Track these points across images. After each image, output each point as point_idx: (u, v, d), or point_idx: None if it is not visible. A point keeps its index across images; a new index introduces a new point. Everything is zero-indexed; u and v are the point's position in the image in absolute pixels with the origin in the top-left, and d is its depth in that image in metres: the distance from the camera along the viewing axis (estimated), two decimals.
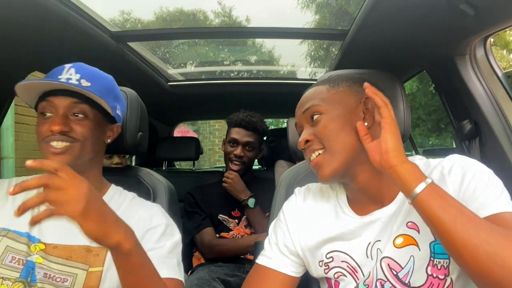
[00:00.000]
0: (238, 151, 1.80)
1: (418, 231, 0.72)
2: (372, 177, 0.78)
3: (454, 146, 1.38)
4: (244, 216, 1.78)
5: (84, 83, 0.86)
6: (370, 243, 0.78)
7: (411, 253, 0.72)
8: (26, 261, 0.83)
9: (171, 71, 2.35)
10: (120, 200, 0.95)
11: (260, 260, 0.88)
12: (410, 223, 0.73)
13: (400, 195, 0.77)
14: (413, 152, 2.48)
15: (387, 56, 1.36)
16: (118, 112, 0.96)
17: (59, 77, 0.86)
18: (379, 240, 0.77)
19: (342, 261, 0.80)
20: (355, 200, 0.83)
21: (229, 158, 1.83)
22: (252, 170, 2.06)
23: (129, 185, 1.05)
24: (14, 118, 3.72)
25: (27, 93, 0.88)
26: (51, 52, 1.30)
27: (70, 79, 0.86)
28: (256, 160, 2.81)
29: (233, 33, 1.97)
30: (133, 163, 2.82)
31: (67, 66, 0.88)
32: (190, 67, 2.78)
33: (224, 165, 1.95)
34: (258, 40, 2.99)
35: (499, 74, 1.15)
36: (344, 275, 0.80)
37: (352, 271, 0.79)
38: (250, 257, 1.67)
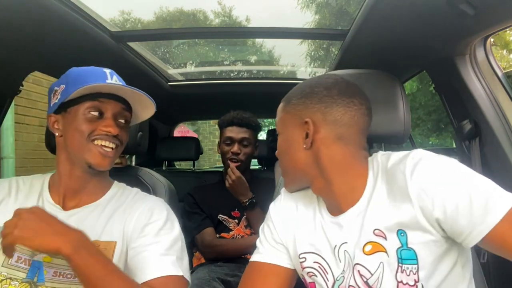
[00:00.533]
0: (235, 148, 1.80)
1: (385, 238, 0.72)
2: (325, 187, 0.80)
3: (454, 146, 1.38)
4: (244, 216, 1.78)
5: None
6: (336, 245, 0.79)
7: (381, 259, 0.72)
8: (32, 261, 0.83)
9: (171, 71, 2.35)
10: (122, 198, 0.97)
11: (253, 257, 0.90)
12: (377, 231, 0.73)
13: (360, 202, 0.76)
14: None
15: (387, 56, 1.36)
16: None
17: (107, 81, 0.89)
18: (346, 242, 0.77)
19: (314, 262, 0.82)
20: (326, 202, 0.85)
21: (227, 157, 1.83)
22: (252, 170, 2.06)
23: (129, 185, 1.06)
24: (14, 118, 3.72)
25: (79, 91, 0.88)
26: (51, 52, 1.30)
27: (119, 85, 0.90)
28: (256, 160, 2.82)
29: (233, 33, 1.97)
30: (133, 163, 2.82)
31: (107, 71, 0.92)
32: (190, 67, 2.78)
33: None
34: (258, 40, 2.99)
35: (499, 74, 1.15)
36: (315, 275, 0.82)
37: (323, 271, 0.81)
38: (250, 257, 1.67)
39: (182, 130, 8.06)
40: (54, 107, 0.91)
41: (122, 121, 0.92)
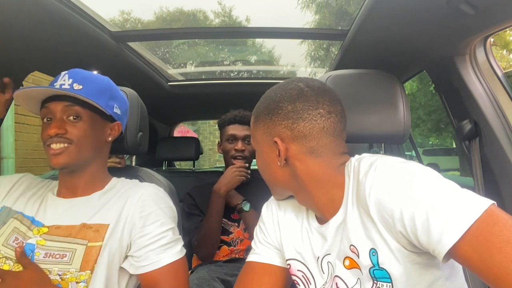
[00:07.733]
0: (239, 145, 1.79)
1: (358, 256, 0.70)
2: (306, 199, 0.80)
3: (454, 146, 1.38)
4: None
5: (76, 86, 0.93)
6: (319, 257, 0.79)
7: (358, 275, 0.72)
8: (25, 244, 0.89)
9: (171, 71, 2.34)
10: (118, 187, 1.02)
11: (248, 258, 0.91)
12: (352, 247, 0.72)
13: (339, 213, 0.75)
14: (413, 152, 2.48)
15: (387, 56, 1.36)
16: (117, 110, 1.01)
17: (54, 84, 0.93)
18: (329, 254, 0.77)
19: (298, 270, 0.83)
20: (313, 211, 0.84)
21: (231, 155, 1.82)
22: (252, 170, 2.05)
23: None
24: (14, 118, 3.73)
25: (28, 102, 0.96)
26: (51, 52, 1.30)
27: (63, 84, 0.92)
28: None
29: (233, 33, 1.96)
30: (133, 163, 2.82)
31: (63, 73, 0.95)
32: (190, 67, 2.78)
33: (224, 165, 1.94)
34: (258, 40, 2.98)
35: (499, 74, 1.15)
36: (299, 284, 0.82)
37: (306, 281, 0.81)
38: None
39: (182, 130, 8.06)
40: None
41: (71, 118, 0.94)
